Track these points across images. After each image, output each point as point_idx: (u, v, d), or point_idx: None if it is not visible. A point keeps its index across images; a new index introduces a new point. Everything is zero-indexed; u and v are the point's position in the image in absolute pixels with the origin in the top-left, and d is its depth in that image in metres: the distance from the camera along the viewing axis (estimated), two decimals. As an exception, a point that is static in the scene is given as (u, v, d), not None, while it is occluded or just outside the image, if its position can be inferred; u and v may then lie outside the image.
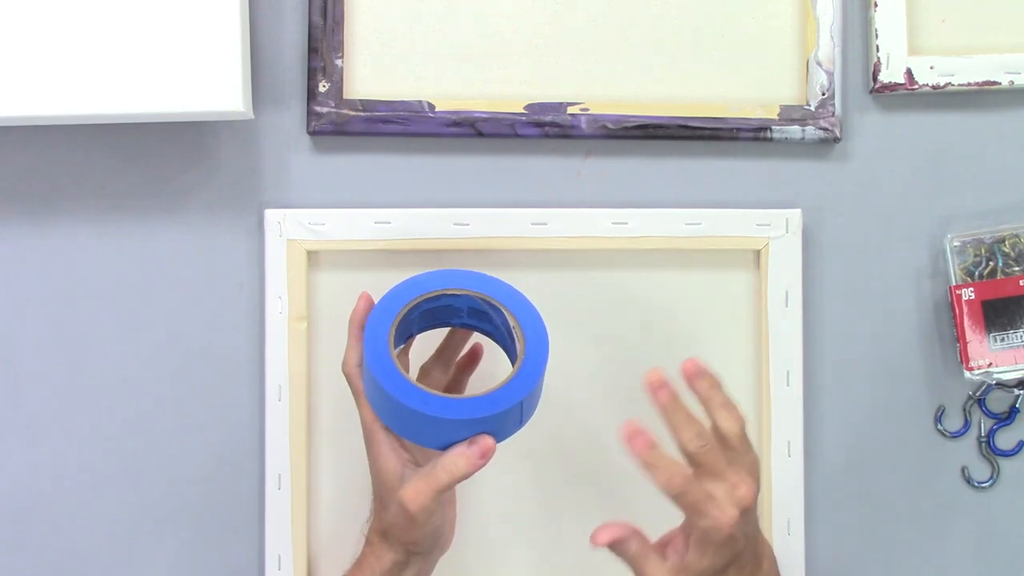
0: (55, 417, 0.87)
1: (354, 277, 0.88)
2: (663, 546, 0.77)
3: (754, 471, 0.75)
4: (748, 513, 0.74)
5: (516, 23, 0.89)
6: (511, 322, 0.78)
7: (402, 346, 0.81)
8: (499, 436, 0.76)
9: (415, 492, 0.75)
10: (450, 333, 0.84)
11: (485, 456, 0.74)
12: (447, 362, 0.84)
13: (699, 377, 0.76)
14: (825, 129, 0.89)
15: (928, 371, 0.92)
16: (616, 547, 0.76)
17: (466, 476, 0.75)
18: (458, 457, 0.74)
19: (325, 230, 0.87)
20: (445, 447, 0.75)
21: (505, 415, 0.75)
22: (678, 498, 0.72)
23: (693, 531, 0.73)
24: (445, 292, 0.78)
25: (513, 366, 0.76)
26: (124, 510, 0.88)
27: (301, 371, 0.87)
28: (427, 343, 0.84)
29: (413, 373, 0.84)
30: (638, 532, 0.76)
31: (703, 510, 0.72)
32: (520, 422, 0.77)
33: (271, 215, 0.87)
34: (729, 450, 0.74)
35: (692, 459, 0.73)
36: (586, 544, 0.91)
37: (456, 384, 0.85)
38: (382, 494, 0.79)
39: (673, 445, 0.74)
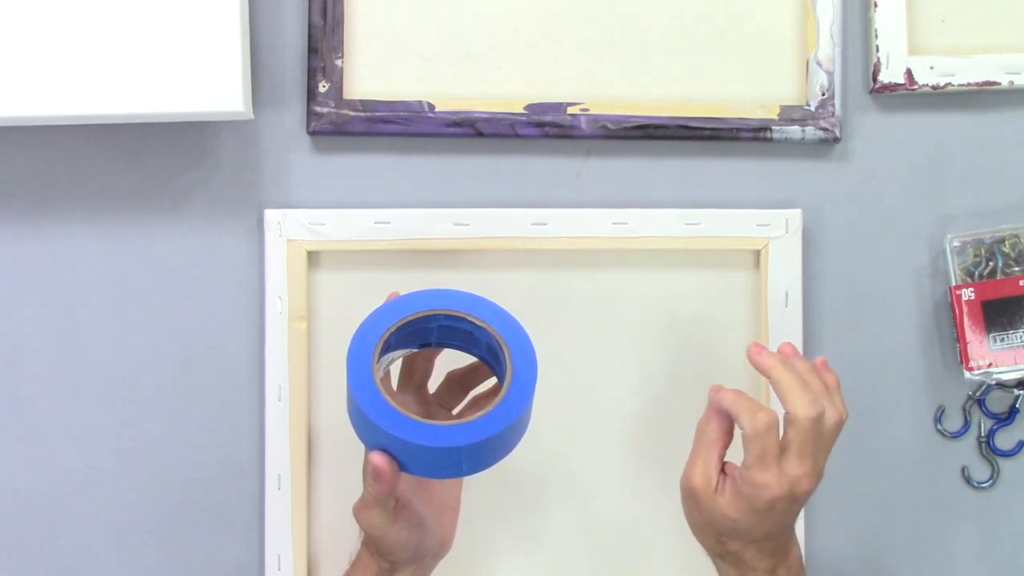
0: (55, 417, 0.87)
1: (354, 277, 0.88)
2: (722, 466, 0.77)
3: (821, 473, 0.75)
4: (794, 502, 0.74)
5: (516, 23, 0.89)
6: (498, 343, 0.76)
7: (385, 370, 0.78)
8: (484, 462, 0.74)
9: (356, 507, 0.75)
10: (413, 355, 0.81)
11: (376, 478, 0.72)
12: (420, 385, 0.82)
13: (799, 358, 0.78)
14: (825, 129, 0.89)
15: (928, 371, 0.92)
16: (706, 418, 0.77)
17: (379, 494, 0.73)
18: (369, 477, 0.73)
19: (325, 230, 0.87)
20: (421, 471, 0.74)
21: (487, 443, 0.72)
22: (753, 438, 0.72)
23: (743, 479, 0.74)
24: (421, 314, 0.76)
25: (500, 390, 0.74)
26: (124, 510, 0.88)
27: (301, 371, 0.87)
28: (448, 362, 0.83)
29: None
30: (728, 432, 0.76)
31: (766, 464, 0.72)
32: (510, 446, 0.75)
33: (271, 215, 0.87)
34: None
35: (793, 425, 0.73)
36: (585, 546, 0.91)
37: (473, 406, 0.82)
38: None
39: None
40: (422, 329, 0.77)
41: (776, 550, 0.77)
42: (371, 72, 0.88)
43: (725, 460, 0.77)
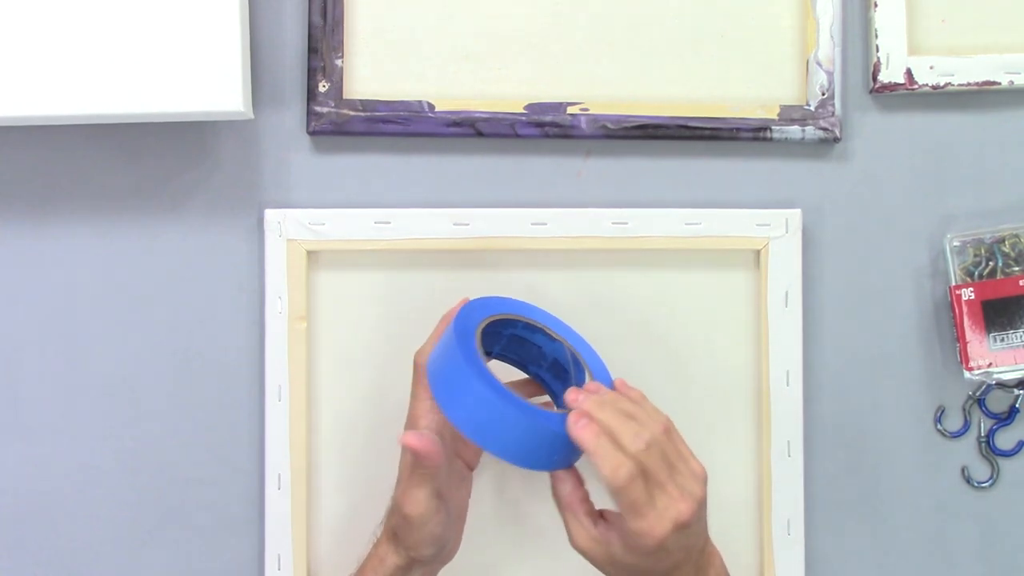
0: (55, 417, 0.87)
1: (354, 277, 0.88)
2: (598, 514, 0.75)
3: (696, 484, 0.72)
4: (685, 529, 0.71)
5: (516, 23, 0.89)
6: (573, 357, 0.79)
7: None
8: (568, 460, 0.75)
9: (401, 494, 0.76)
10: None
11: (424, 457, 0.73)
12: None
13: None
14: (825, 129, 0.89)
15: (928, 371, 0.92)
16: (553, 486, 0.75)
17: (426, 473, 0.74)
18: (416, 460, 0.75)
19: (325, 230, 0.87)
20: (514, 452, 0.74)
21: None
22: (619, 492, 0.70)
23: (625, 529, 0.71)
24: (507, 317, 0.78)
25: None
26: (124, 510, 0.88)
27: (301, 371, 0.87)
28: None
29: None
30: (579, 484, 0.74)
31: (640, 512, 0.70)
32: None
33: (271, 215, 0.87)
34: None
35: (635, 462, 0.70)
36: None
37: None
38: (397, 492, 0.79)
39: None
40: (494, 334, 0.79)
41: (690, 573, 0.75)
42: (371, 72, 0.88)
43: (600, 508, 0.75)
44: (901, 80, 0.89)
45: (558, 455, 0.74)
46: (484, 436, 0.73)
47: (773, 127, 0.89)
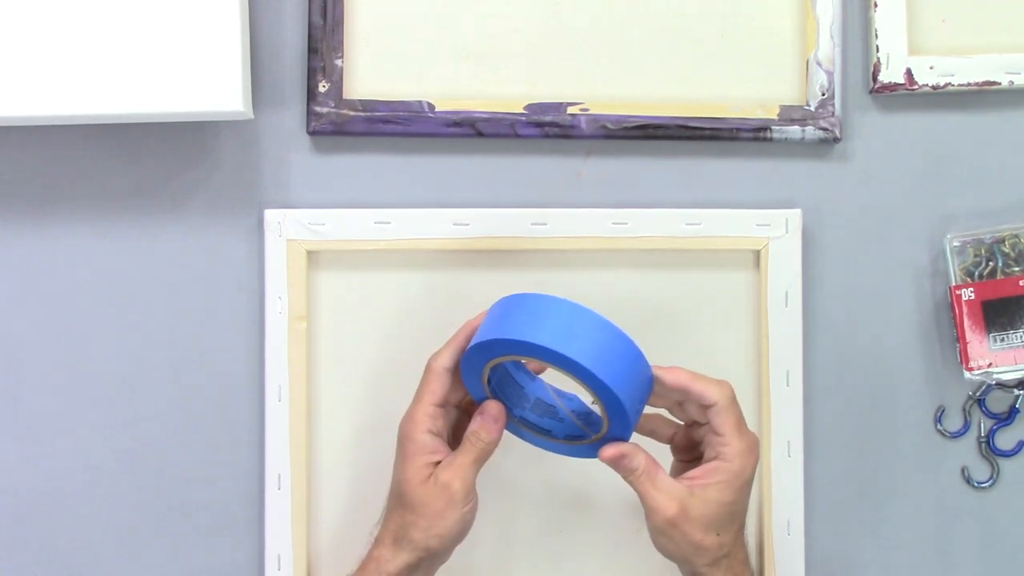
0: (55, 417, 0.87)
1: (354, 277, 0.88)
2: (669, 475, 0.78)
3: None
4: (758, 462, 0.77)
5: (516, 23, 0.89)
6: (555, 390, 0.79)
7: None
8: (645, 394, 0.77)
9: (455, 470, 0.76)
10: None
11: (497, 421, 0.77)
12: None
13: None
14: (825, 129, 0.89)
15: (928, 371, 0.92)
16: (625, 464, 0.77)
17: (492, 444, 0.77)
18: (479, 429, 0.77)
19: (325, 230, 0.87)
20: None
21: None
22: (729, 408, 0.75)
23: (724, 459, 0.75)
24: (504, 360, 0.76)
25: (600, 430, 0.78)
26: (124, 510, 0.88)
27: (301, 371, 0.87)
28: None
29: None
30: (646, 453, 0.77)
31: (744, 429, 0.76)
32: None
33: (271, 215, 0.87)
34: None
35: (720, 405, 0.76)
36: (589, 553, 0.91)
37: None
38: (404, 491, 0.77)
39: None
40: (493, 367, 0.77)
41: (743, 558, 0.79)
42: (371, 72, 0.88)
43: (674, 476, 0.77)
44: (901, 80, 0.89)
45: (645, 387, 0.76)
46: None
47: (773, 127, 0.89)
